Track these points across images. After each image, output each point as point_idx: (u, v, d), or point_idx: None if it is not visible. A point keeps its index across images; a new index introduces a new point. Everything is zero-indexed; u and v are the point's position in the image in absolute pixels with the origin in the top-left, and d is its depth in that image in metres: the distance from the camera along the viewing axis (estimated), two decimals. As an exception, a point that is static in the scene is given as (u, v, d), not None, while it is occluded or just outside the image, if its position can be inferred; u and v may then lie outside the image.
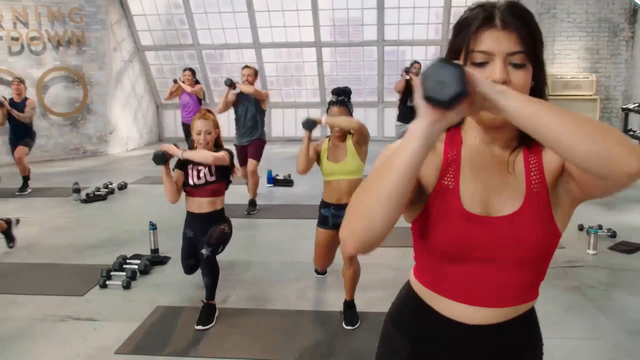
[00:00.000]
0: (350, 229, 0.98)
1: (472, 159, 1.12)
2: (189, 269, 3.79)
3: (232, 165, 3.57)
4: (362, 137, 3.39)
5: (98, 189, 7.29)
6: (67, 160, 10.24)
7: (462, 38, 1.03)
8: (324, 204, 3.51)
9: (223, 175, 3.56)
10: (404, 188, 0.92)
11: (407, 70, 7.70)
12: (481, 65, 1.00)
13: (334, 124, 3.40)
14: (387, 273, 4.27)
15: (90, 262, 4.60)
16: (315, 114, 12.29)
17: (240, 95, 6.19)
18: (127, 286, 4.05)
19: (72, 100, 10.53)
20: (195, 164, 3.47)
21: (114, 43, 11.03)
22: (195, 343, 3.23)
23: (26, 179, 7.53)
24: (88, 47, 10.51)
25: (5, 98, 7.47)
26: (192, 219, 3.57)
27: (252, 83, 6.20)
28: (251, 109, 6.21)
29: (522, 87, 0.99)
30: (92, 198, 6.94)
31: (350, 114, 3.45)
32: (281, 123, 12.81)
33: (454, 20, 11.31)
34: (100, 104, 10.79)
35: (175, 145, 3.53)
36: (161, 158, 3.39)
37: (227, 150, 3.54)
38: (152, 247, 4.76)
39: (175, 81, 8.23)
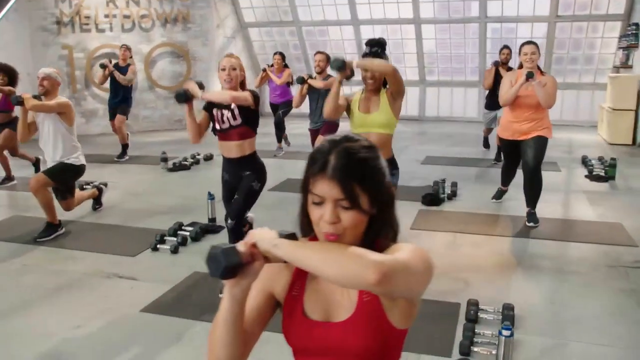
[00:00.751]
0: None
1: None
2: None
3: (256, 107, 3.53)
4: (396, 88, 3.38)
5: (185, 159, 7.74)
6: (170, 131, 10.93)
7: (307, 175, 1.18)
8: None
9: (247, 118, 3.53)
10: (233, 334, 1.18)
11: (496, 64, 7.56)
12: (318, 204, 1.16)
13: (365, 66, 3.40)
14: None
15: (153, 226, 4.91)
16: (413, 93, 12.06)
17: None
18: (174, 251, 4.30)
19: (177, 74, 11.19)
20: (220, 107, 3.48)
21: (217, 20, 11.52)
22: (215, 310, 3.36)
23: (125, 146, 8.18)
24: (193, 24, 11.08)
25: (110, 61, 8.16)
26: (225, 162, 3.72)
27: (323, 68, 6.47)
28: (323, 95, 6.33)
29: (350, 226, 1.14)
30: (177, 167, 7.39)
31: None
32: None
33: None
34: (203, 78, 11.29)
35: (201, 84, 3.54)
36: (182, 96, 3.42)
37: (252, 91, 3.50)
38: (210, 217, 5.00)
39: (264, 70, 8.48)
